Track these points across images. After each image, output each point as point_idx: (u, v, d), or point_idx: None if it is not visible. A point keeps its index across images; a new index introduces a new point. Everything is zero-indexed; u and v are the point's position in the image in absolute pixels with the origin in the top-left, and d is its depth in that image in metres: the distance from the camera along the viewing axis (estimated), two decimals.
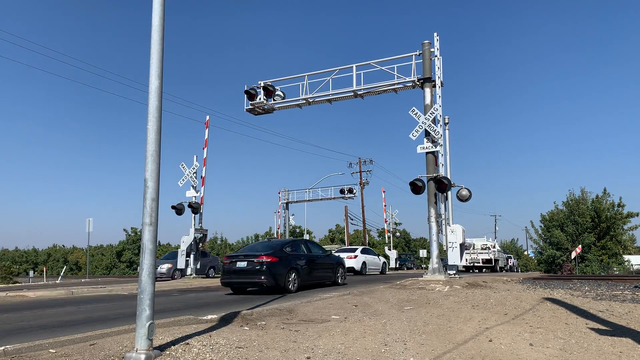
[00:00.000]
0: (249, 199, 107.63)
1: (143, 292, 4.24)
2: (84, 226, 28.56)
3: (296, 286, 12.92)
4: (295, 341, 5.05)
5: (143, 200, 4.43)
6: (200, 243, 22.24)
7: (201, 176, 22.00)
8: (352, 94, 15.98)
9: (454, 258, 13.34)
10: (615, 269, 33.19)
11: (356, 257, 23.63)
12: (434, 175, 13.61)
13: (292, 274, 12.85)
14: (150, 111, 4.58)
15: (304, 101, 16.86)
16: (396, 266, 36.58)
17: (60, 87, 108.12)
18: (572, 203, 36.12)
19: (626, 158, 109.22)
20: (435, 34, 14.26)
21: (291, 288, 12.71)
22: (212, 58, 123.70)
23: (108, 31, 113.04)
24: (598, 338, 5.19)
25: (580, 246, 32.27)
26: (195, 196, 21.79)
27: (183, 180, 21.73)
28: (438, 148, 13.77)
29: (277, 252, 12.93)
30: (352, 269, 22.98)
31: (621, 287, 11.43)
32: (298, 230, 47.76)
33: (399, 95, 19.54)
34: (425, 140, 13.85)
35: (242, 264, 12.71)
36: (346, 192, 34.04)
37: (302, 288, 13.40)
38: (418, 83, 14.70)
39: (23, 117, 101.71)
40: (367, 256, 25.05)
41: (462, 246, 13.67)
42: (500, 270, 31.19)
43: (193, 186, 21.76)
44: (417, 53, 14.69)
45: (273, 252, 12.83)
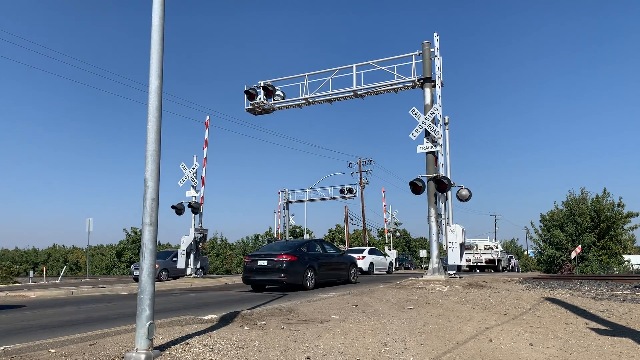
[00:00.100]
0: (249, 199, 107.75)
1: (143, 292, 4.24)
2: (84, 226, 28.61)
3: (313, 283, 13.52)
4: (295, 341, 5.06)
5: (143, 200, 4.43)
6: (200, 243, 22.25)
7: (201, 176, 22.01)
8: (352, 94, 15.98)
9: (454, 258, 13.34)
10: (615, 269, 33.20)
11: (364, 258, 24.33)
12: (434, 175, 13.61)
13: (310, 272, 13.46)
14: (150, 111, 4.58)
15: (304, 101, 16.86)
16: (396, 266, 36.70)
17: (60, 87, 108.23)
18: (572, 203, 36.12)
19: (626, 158, 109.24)
20: (435, 34, 14.27)
21: (309, 285, 13.32)
22: (212, 58, 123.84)
23: (108, 31, 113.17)
24: (598, 338, 5.19)
25: (580, 246, 32.29)
26: (195, 196, 21.79)
27: (183, 180, 21.74)
28: (438, 148, 13.77)
29: (296, 252, 13.50)
30: (360, 269, 23.63)
31: (621, 287, 11.43)
32: (298, 230, 47.75)
33: (399, 95, 19.56)
34: (425, 140, 13.85)
35: (263, 263, 13.24)
36: (346, 192, 34.04)
37: (318, 285, 13.96)
38: (418, 83, 14.70)
39: (23, 117, 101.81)
40: (375, 256, 25.85)
41: (462, 246, 13.67)
42: (502, 270, 31.55)
43: (193, 186, 21.77)
44: (417, 53, 14.69)
45: (292, 252, 13.40)
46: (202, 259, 25.87)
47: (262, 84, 17.13)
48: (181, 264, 21.85)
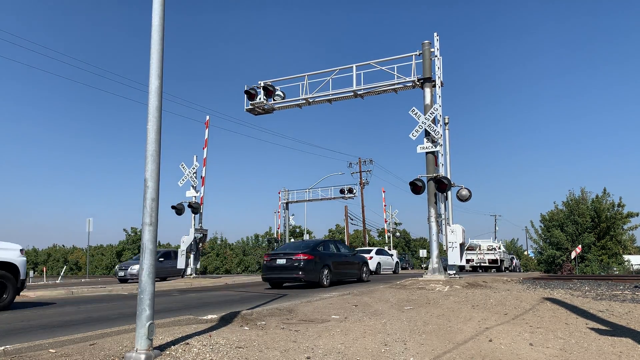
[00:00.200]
0: (249, 199, 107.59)
1: (143, 292, 4.24)
2: (84, 226, 28.63)
3: (329, 281, 14.22)
4: (295, 341, 5.05)
5: (143, 200, 4.43)
6: (200, 243, 22.26)
7: (201, 176, 22.02)
8: (352, 94, 15.99)
9: (454, 258, 13.35)
10: (615, 269, 33.18)
11: (372, 258, 24.88)
12: (434, 175, 13.61)
13: (325, 271, 14.15)
14: (150, 111, 4.58)
15: (304, 101, 16.87)
16: None
17: (60, 87, 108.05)
18: (572, 203, 36.09)
19: (626, 158, 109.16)
20: (435, 34, 14.28)
21: (325, 283, 14.02)
22: (212, 58, 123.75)
23: (108, 31, 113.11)
24: (598, 338, 5.19)
25: (580, 246, 32.29)
26: (195, 196, 21.80)
27: (183, 180, 21.74)
28: (438, 148, 13.78)
29: (313, 251, 14.18)
30: None
31: (621, 287, 11.43)
32: (298, 230, 47.75)
33: (399, 95, 19.56)
34: (425, 140, 13.85)
35: (282, 261, 13.94)
36: (346, 192, 34.05)
37: (333, 283, 14.63)
38: (418, 83, 14.70)
39: (23, 117, 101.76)
40: (382, 257, 26.87)
41: (462, 246, 13.68)
42: (505, 270, 32.03)
43: (193, 186, 21.78)
44: (417, 53, 14.69)
45: (309, 251, 14.07)
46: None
47: (262, 84, 17.14)
48: (181, 264, 21.89)
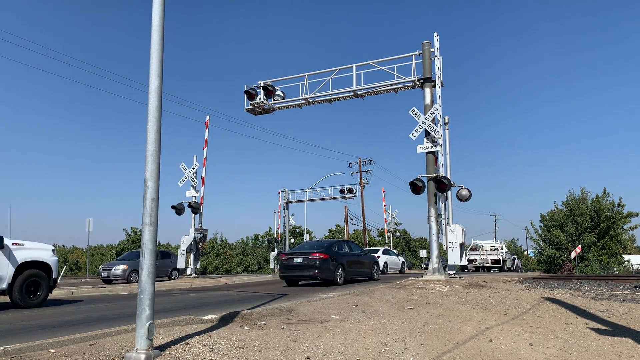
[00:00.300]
0: (249, 199, 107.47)
1: (143, 292, 4.24)
2: (84, 226, 28.63)
3: (342, 279, 14.82)
4: (295, 341, 5.05)
5: (143, 200, 4.43)
6: (200, 243, 22.28)
7: (201, 176, 22.03)
8: (352, 94, 15.98)
9: (454, 258, 13.35)
10: (615, 269, 33.18)
11: (379, 258, 25.20)
12: (434, 175, 13.61)
13: (339, 269, 14.86)
14: (150, 111, 4.58)
15: (304, 101, 16.87)
16: None
17: (60, 87, 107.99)
18: (572, 203, 36.11)
19: (626, 158, 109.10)
20: (435, 34, 14.28)
21: (339, 281, 14.61)
22: (212, 57, 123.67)
23: (108, 31, 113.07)
24: (598, 338, 5.19)
25: (580, 246, 32.32)
26: (195, 196, 21.81)
27: (183, 180, 21.76)
28: (438, 148, 13.78)
29: (327, 250, 14.74)
30: None
31: (621, 287, 11.43)
32: (298, 230, 47.75)
33: (399, 95, 19.55)
34: (425, 140, 13.85)
35: (299, 260, 14.52)
36: (346, 192, 34.01)
37: (346, 282, 15.20)
38: (418, 83, 14.70)
39: (23, 117, 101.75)
40: (388, 257, 27.73)
41: (462, 246, 13.68)
42: (507, 270, 32.33)
43: (193, 186, 21.79)
44: (417, 53, 14.69)
45: (324, 250, 14.64)
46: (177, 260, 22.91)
47: (262, 84, 17.13)
48: (181, 264, 21.89)
